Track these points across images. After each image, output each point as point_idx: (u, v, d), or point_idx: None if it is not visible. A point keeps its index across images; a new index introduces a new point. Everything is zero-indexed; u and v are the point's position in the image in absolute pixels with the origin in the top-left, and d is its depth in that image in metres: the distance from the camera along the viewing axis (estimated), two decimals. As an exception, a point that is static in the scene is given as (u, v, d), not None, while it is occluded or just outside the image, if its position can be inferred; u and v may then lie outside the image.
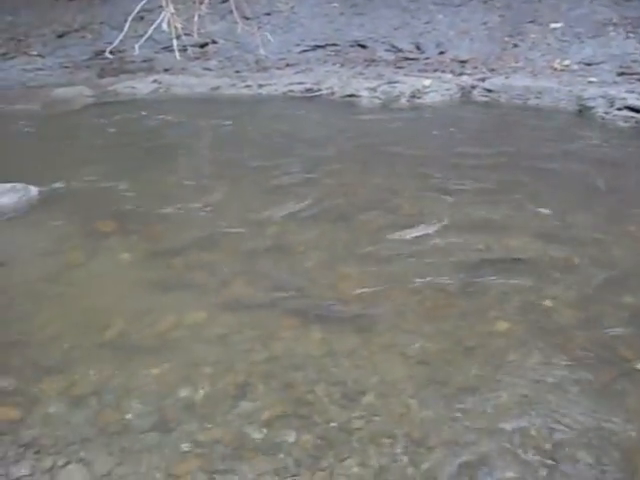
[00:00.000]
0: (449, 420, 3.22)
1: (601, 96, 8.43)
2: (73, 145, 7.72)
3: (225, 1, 10.78)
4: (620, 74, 9.18)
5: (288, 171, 6.44)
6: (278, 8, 11.61)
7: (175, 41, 8.91)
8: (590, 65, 9.66)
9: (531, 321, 3.96)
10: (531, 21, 10.73)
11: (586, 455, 3.00)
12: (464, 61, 10.33)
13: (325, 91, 9.54)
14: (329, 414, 3.26)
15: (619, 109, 8.15)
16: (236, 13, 9.70)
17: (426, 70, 10.08)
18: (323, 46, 11.13)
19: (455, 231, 5.16)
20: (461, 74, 9.80)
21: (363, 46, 11.02)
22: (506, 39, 10.62)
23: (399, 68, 10.26)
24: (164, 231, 5.27)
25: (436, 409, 3.29)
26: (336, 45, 11.12)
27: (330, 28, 11.28)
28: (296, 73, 10.33)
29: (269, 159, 6.87)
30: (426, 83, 9.32)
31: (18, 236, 5.33)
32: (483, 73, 9.77)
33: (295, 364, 3.62)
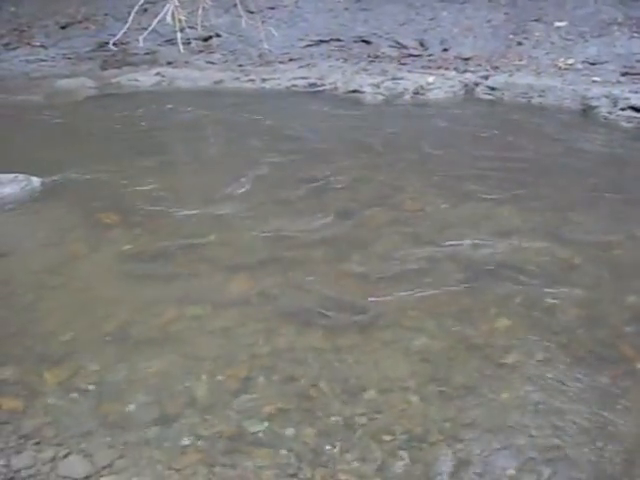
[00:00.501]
0: (451, 417, 3.21)
1: (605, 96, 8.41)
2: (75, 136, 7.71)
3: (229, -6, 10.75)
4: (624, 74, 9.16)
5: (290, 166, 6.44)
6: (282, 2, 11.58)
7: (179, 34, 8.88)
8: (594, 64, 9.64)
9: (534, 319, 3.95)
10: (536, 19, 10.71)
11: (588, 453, 2.99)
12: (468, 58, 10.31)
13: (328, 86, 9.53)
14: (331, 409, 3.26)
15: (622, 109, 8.14)
16: (240, 7, 9.68)
17: (430, 67, 10.07)
18: (327, 41, 11.11)
19: (456, 228, 5.15)
20: (465, 71, 9.79)
21: (367, 42, 11.00)
22: (510, 37, 10.60)
23: (403, 64, 10.24)
24: (167, 223, 5.26)
25: (438, 406, 3.29)
26: (340, 40, 11.10)
27: (334, 23, 11.26)
28: (299, 68, 10.32)
29: (272, 153, 6.86)
30: (430, 80, 9.31)
31: (20, 227, 5.33)
32: (487, 71, 9.76)
33: (297, 359, 3.62)
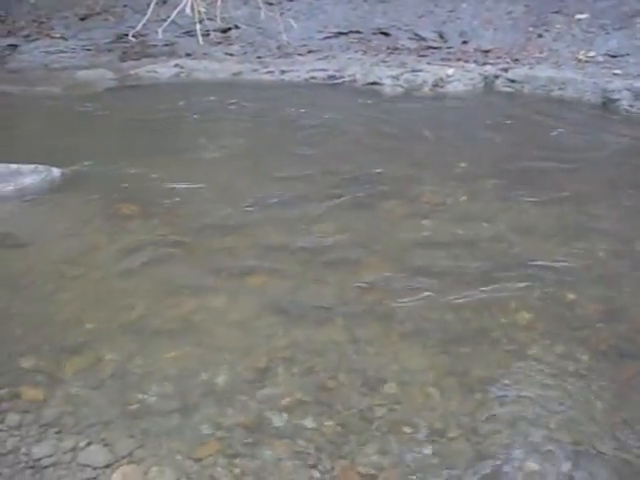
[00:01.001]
0: (470, 410, 3.21)
1: (626, 88, 8.33)
2: (95, 128, 7.72)
3: (248, -14, 10.73)
4: (646, 67, 9.08)
5: (308, 160, 6.44)
6: (301, -6, 11.55)
7: (198, 26, 8.86)
8: (615, 57, 9.53)
9: (554, 314, 3.94)
10: (556, 11, 10.61)
11: (609, 448, 2.98)
12: (487, 51, 10.24)
13: (347, 78, 9.49)
14: (350, 401, 3.26)
15: (644, 102, 8.07)
16: (259, -2, 9.64)
17: (449, 59, 10.00)
18: (346, 33, 11.05)
19: (476, 222, 5.13)
20: (484, 64, 9.71)
21: (386, 34, 10.94)
22: (530, 29, 10.51)
23: (422, 57, 10.18)
24: (187, 215, 5.27)
25: (457, 399, 3.28)
26: (359, 32, 11.04)
27: (353, 15, 11.21)
28: (318, 60, 10.28)
29: (289, 145, 6.86)
30: (449, 72, 9.25)
31: (40, 217, 5.36)
32: (507, 63, 9.68)
33: (316, 350, 3.62)
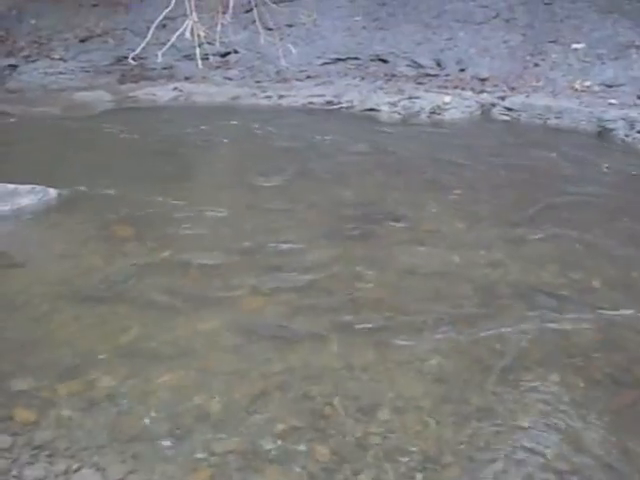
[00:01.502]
0: (465, 438, 3.19)
1: (622, 118, 8.40)
2: (92, 149, 7.73)
3: (248, 11, 10.78)
4: (641, 97, 9.15)
5: (302, 185, 6.46)
6: (300, 20, 11.61)
7: (197, 49, 8.92)
8: (611, 87, 9.62)
9: (550, 342, 3.93)
10: (553, 41, 10.70)
11: (603, 478, 2.96)
12: (484, 79, 10.31)
13: (345, 104, 9.55)
14: (345, 428, 3.24)
15: (639, 132, 8.12)
16: (259, 24, 9.68)
17: (446, 87, 10.07)
18: (344, 59, 11.13)
19: (470, 248, 5.14)
20: (481, 92, 9.79)
21: (384, 60, 11.02)
22: (527, 58, 10.60)
23: (419, 84, 10.25)
24: (182, 238, 5.26)
25: (452, 427, 3.26)
26: (357, 59, 11.12)
27: (352, 41, 11.29)
28: (316, 85, 10.34)
29: (284, 172, 6.88)
30: (446, 100, 9.32)
31: (37, 238, 5.36)
32: (503, 91, 9.76)
33: (311, 376, 3.60)
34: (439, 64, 10.81)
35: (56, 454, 3.05)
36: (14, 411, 3.31)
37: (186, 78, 10.83)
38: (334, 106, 9.56)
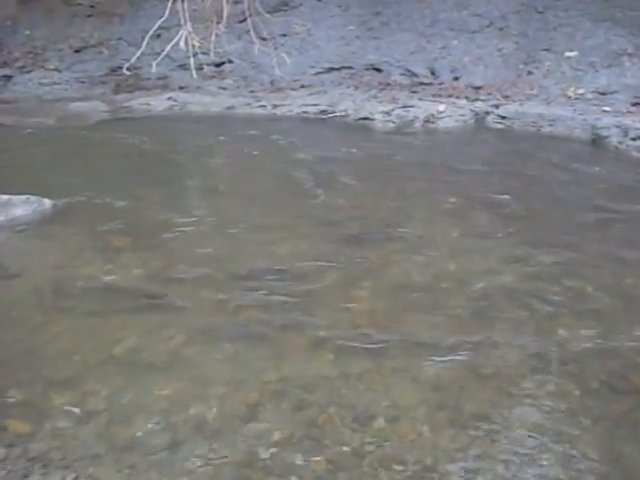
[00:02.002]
0: (461, 447, 3.18)
1: (615, 125, 8.44)
2: (87, 160, 7.75)
3: (242, 21, 10.82)
4: (635, 104, 9.19)
5: (297, 193, 6.46)
6: (294, 30, 11.66)
7: (192, 59, 8.94)
8: (604, 94, 9.67)
9: (545, 349, 3.93)
10: (546, 49, 10.76)
11: (600, 487, 2.96)
12: (478, 87, 10.36)
13: (339, 113, 9.58)
14: (340, 437, 3.23)
15: (633, 139, 8.16)
16: (253, 33, 9.73)
17: (440, 95, 10.12)
18: (338, 68, 11.18)
19: (465, 257, 5.14)
20: (475, 100, 9.83)
21: (378, 70, 11.06)
22: (521, 66, 10.65)
23: (413, 92, 10.29)
24: (177, 248, 5.27)
25: (448, 435, 3.26)
26: (351, 68, 11.17)
27: (345, 51, 11.33)
28: (310, 94, 10.38)
29: (281, 179, 6.89)
30: (440, 108, 9.35)
31: (31, 248, 5.35)
32: (497, 100, 9.80)
33: (307, 385, 3.59)
34: (433, 73, 10.85)
35: (51, 465, 3.03)
36: (8, 422, 3.30)
37: (181, 88, 10.87)
38: (328, 115, 9.59)
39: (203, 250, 5.21)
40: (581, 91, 9.81)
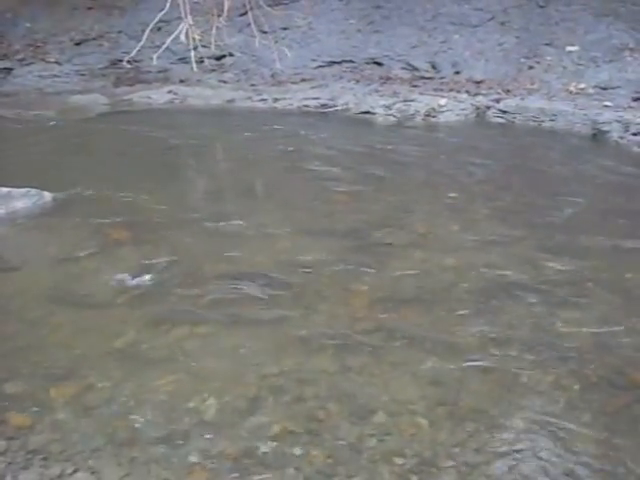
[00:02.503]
0: (460, 441, 3.19)
1: (616, 120, 8.42)
2: (87, 152, 7.75)
3: (243, 14, 10.81)
4: (636, 99, 9.17)
5: (296, 188, 6.46)
6: (295, 23, 11.64)
7: (192, 53, 8.92)
8: (606, 89, 9.65)
9: (545, 344, 3.93)
10: (547, 44, 10.74)
11: (599, 481, 2.96)
12: (479, 81, 10.34)
13: (340, 107, 9.57)
14: (339, 431, 3.23)
15: (634, 134, 8.14)
16: (254, 27, 9.72)
17: (441, 89, 10.10)
18: (339, 62, 11.16)
19: (465, 251, 5.14)
20: (476, 94, 9.81)
21: (379, 63, 11.05)
22: (522, 61, 10.63)
23: (414, 87, 10.28)
24: (177, 241, 5.26)
25: (447, 429, 3.26)
26: (352, 62, 11.15)
27: (346, 44, 11.31)
28: (311, 88, 10.36)
29: (282, 176, 6.89)
30: (441, 102, 9.34)
31: (32, 241, 5.35)
32: (498, 94, 9.78)
33: (306, 379, 3.60)
34: (434, 67, 10.84)
35: (51, 458, 3.04)
36: (8, 415, 3.31)
37: (181, 81, 10.85)
38: (329, 109, 9.58)
39: (203, 242, 5.22)
40: (582, 86, 9.79)
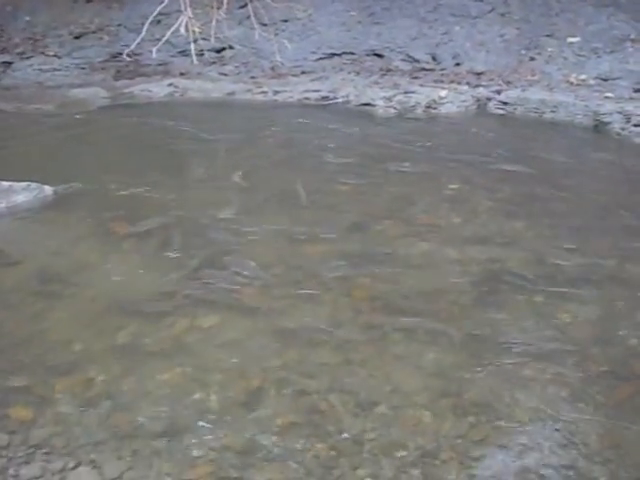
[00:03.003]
0: (463, 433, 3.19)
1: (617, 112, 8.38)
2: (87, 146, 7.72)
3: (243, 7, 10.77)
4: (637, 90, 9.12)
5: (298, 179, 6.45)
6: (295, 15, 11.59)
7: (192, 45, 8.90)
8: (607, 80, 9.60)
9: (547, 336, 3.93)
10: (548, 35, 10.69)
11: (602, 472, 2.96)
12: (480, 73, 10.29)
13: (340, 99, 9.53)
14: (342, 423, 3.24)
15: (635, 125, 8.10)
16: (254, 19, 9.68)
17: (442, 81, 10.05)
18: (339, 54, 11.10)
19: (467, 242, 5.13)
20: (477, 86, 9.76)
21: (379, 55, 11.00)
22: (523, 52, 10.58)
23: (415, 78, 10.23)
24: (179, 234, 5.26)
25: (450, 422, 3.26)
26: (352, 54, 11.10)
27: (347, 36, 11.26)
28: (312, 80, 10.31)
29: (284, 167, 6.88)
30: (442, 94, 9.29)
31: (32, 235, 5.34)
32: (499, 85, 9.73)
33: (309, 372, 3.60)
34: (435, 58, 10.79)
35: (53, 452, 3.04)
36: (10, 409, 3.31)
37: (181, 74, 10.79)
38: (329, 101, 9.54)
39: (205, 236, 5.21)
40: (583, 77, 9.75)
